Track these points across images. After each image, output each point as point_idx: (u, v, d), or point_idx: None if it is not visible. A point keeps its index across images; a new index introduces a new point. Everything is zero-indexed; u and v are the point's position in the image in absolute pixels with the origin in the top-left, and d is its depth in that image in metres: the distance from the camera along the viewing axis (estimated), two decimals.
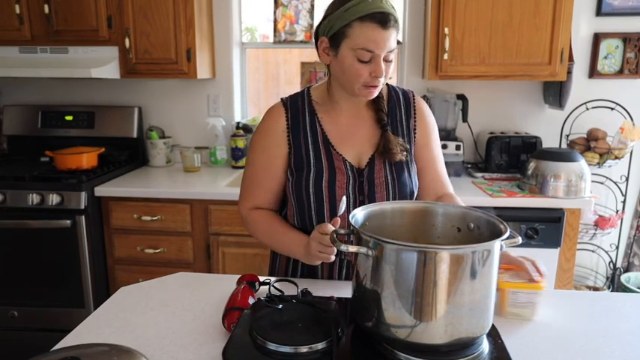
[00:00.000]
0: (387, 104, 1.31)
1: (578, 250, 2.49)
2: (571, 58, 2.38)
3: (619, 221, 2.62)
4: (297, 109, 1.28)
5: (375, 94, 1.20)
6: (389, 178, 1.26)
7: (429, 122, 1.34)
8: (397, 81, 2.85)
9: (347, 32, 1.13)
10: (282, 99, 1.32)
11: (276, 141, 1.27)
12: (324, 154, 1.25)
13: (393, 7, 1.14)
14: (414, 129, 1.31)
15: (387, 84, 1.34)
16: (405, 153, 1.26)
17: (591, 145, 2.47)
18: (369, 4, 1.10)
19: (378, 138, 1.27)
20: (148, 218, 2.31)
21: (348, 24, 1.12)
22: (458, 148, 2.51)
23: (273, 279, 1.15)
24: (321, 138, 1.27)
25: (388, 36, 1.11)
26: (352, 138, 1.28)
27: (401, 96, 1.33)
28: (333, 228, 1.07)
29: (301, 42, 2.82)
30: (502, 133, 2.61)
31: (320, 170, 1.24)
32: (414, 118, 1.31)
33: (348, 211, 1.21)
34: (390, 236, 0.85)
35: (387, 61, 1.15)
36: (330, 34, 1.17)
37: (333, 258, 1.11)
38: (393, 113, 1.30)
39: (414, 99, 1.33)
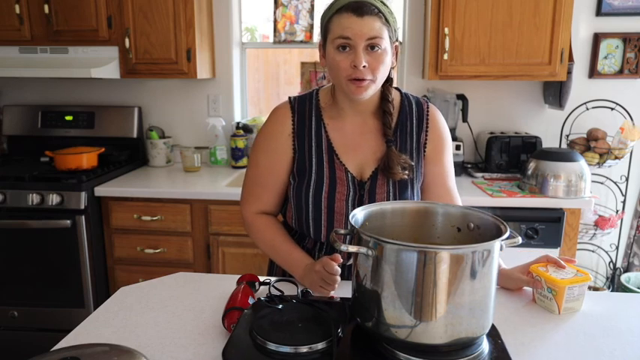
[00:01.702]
0: (398, 114, 1.26)
1: (578, 250, 2.49)
2: (571, 58, 2.38)
3: (619, 221, 2.62)
4: (304, 113, 1.26)
5: (365, 91, 1.14)
6: (391, 193, 1.23)
7: (442, 136, 1.28)
8: (397, 81, 2.85)
9: (328, 27, 1.15)
10: (289, 99, 1.29)
11: (282, 144, 1.26)
12: (327, 162, 1.23)
13: (377, 0, 1.13)
14: (425, 143, 1.26)
15: (400, 92, 1.29)
16: (407, 172, 1.22)
17: (591, 145, 2.47)
18: None
19: (383, 151, 1.23)
20: (148, 218, 2.31)
21: (329, 19, 1.15)
22: (458, 148, 2.51)
23: (273, 279, 1.15)
24: (326, 145, 1.24)
25: (364, 23, 1.10)
26: (357, 148, 1.24)
27: (414, 106, 1.27)
28: (340, 270, 1.09)
29: (301, 42, 2.82)
30: (502, 133, 2.61)
31: (321, 179, 1.23)
32: (426, 131, 1.26)
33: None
34: (390, 236, 0.85)
35: (371, 52, 1.11)
36: (321, 34, 1.19)
37: (331, 294, 1.12)
38: (403, 125, 1.26)
39: (427, 111, 1.27)
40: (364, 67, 1.11)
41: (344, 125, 1.26)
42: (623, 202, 2.65)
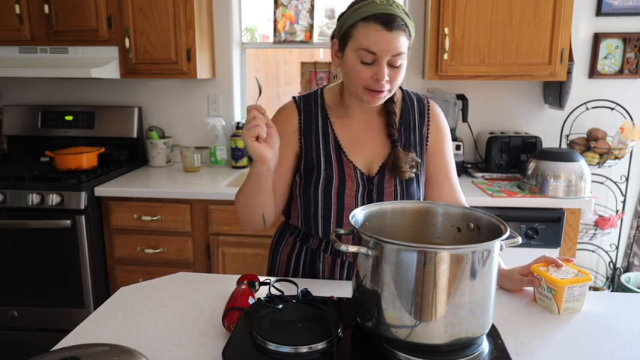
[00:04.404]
0: (401, 110, 1.29)
1: (578, 250, 2.49)
2: (571, 58, 2.38)
3: (619, 221, 2.62)
4: (310, 111, 1.27)
5: (380, 100, 1.17)
6: (398, 188, 1.25)
7: (442, 130, 1.32)
8: None
9: (352, 32, 1.12)
10: (294, 98, 1.30)
11: (287, 141, 1.26)
12: (335, 159, 1.24)
13: (403, 12, 1.11)
14: (427, 136, 1.29)
15: (401, 89, 1.32)
16: (414, 170, 1.24)
17: (591, 145, 2.47)
18: (376, 6, 1.09)
19: (389, 148, 1.25)
20: (148, 218, 2.31)
21: (353, 24, 1.12)
22: (458, 148, 2.51)
23: (273, 279, 1.15)
24: (333, 143, 1.25)
25: (392, 38, 1.08)
26: (363, 145, 1.26)
27: (415, 102, 1.31)
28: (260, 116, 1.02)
29: (301, 42, 2.82)
30: (502, 133, 2.61)
31: (330, 176, 1.23)
32: (428, 125, 1.30)
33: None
34: (390, 236, 0.85)
35: (393, 66, 1.12)
36: (339, 35, 1.17)
37: (263, 133, 1.02)
38: (406, 120, 1.28)
39: (428, 105, 1.31)
40: (385, 80, 1.12)
41: (351, 123, 1.27)
42: (623, 202, 2.65)
